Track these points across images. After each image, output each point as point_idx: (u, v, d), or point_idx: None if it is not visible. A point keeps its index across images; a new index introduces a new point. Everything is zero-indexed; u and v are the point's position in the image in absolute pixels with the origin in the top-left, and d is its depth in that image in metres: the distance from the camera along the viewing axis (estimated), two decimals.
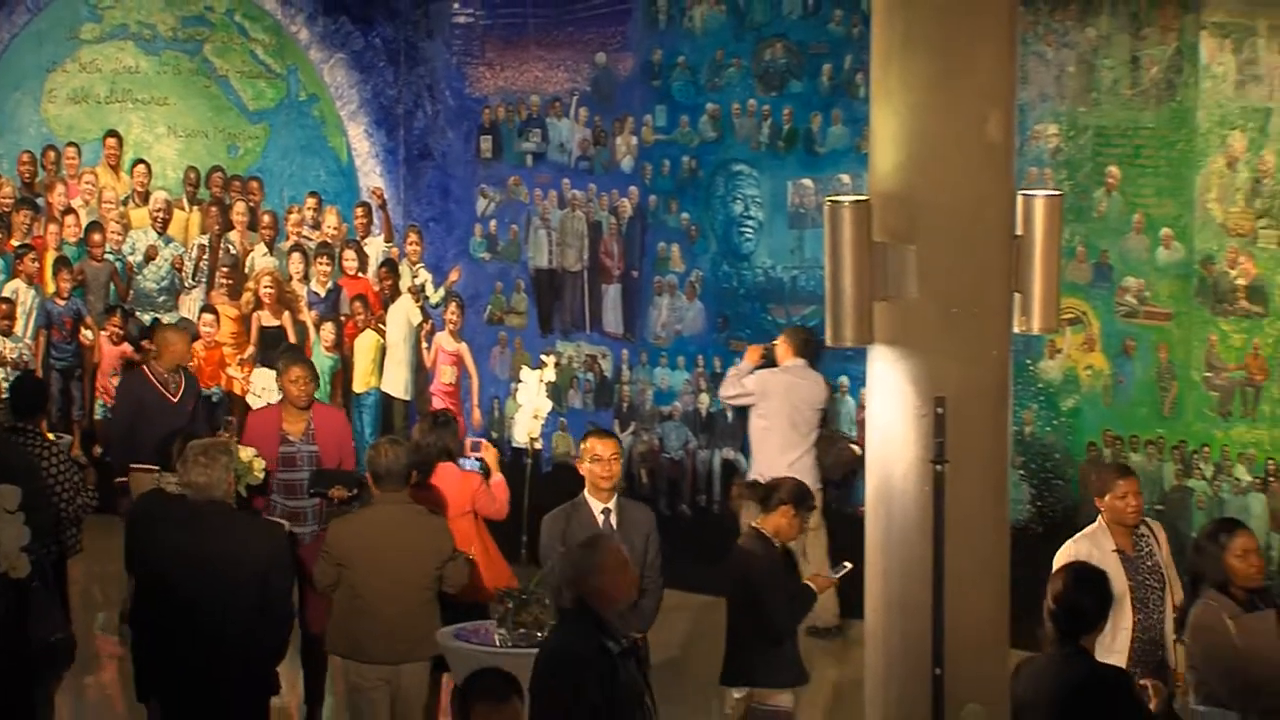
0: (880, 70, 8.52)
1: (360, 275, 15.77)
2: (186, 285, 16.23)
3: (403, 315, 15.52)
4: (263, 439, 11.03)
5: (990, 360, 8.48)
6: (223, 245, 16.20)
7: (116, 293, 16.17)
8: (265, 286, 15.61)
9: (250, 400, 15.23)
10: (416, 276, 15.66)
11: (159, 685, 9.15)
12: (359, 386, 15.49)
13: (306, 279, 15.79)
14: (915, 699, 8.16)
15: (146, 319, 16.07)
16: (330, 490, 10.71)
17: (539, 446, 10.92)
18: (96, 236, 16.14)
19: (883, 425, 8.55)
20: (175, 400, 12.33)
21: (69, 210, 16.33)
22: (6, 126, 16.75)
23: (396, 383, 15.50)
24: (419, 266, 15.70)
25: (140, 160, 16.50)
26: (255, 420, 11.63)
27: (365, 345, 15.53)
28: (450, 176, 15.85)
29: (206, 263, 16.15)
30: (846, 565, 9.31)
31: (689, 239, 14.64)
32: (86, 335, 15.88)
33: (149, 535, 9.47)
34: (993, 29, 8.46)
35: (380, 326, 15.55)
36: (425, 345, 15.55)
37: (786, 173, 14.13)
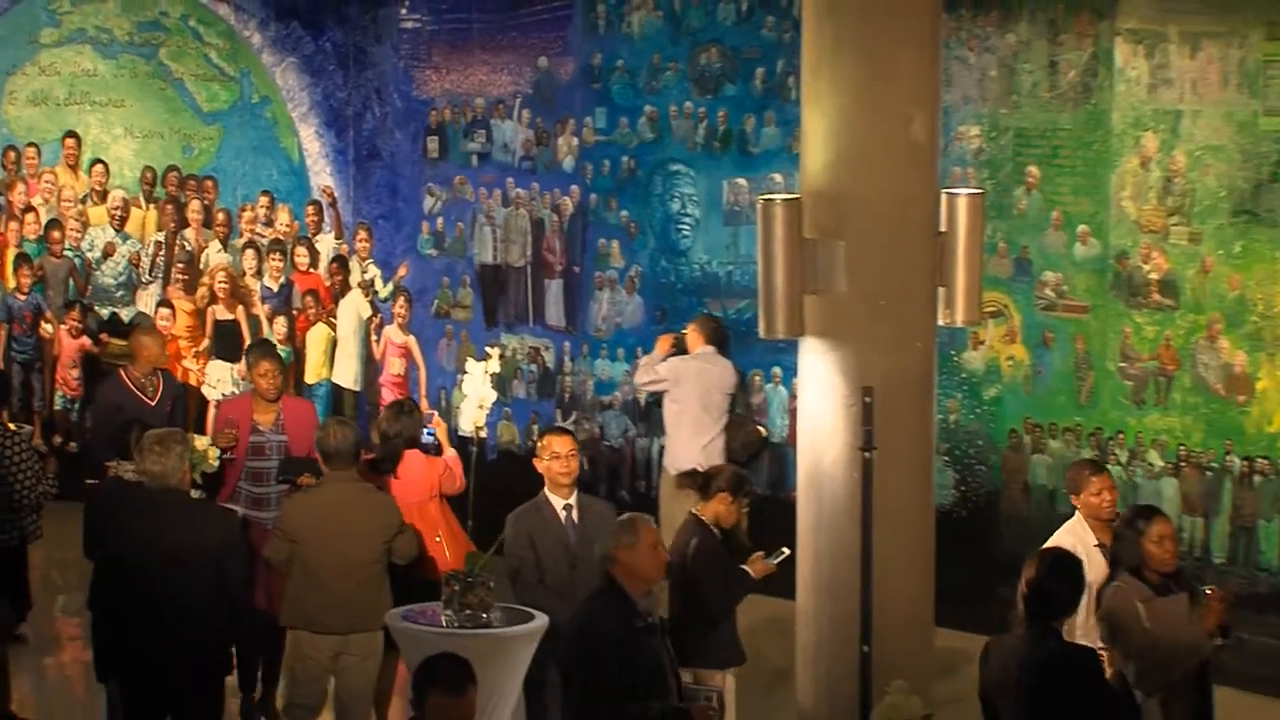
0: (810, 74, 8.54)
1: (312, 271, 15.72)
2: (143, 281, 16.14)
3: (353, 309, 15.47)
4: (230, 428, 11.00)
5: (916, 351, 8.53)
6: (178, 242, 16.12)
7: (75, 288, 16.07)
8: (220, 282, 15.54)
9: (206, 391, 15.18)
10: (366, 272, 15.62)
11: (117, 666, 9.10)
12: (310, 378, 15.44)
13: (260, 274, 15.72)
14: (844, 675, 8.19)
15: (105, 313, 16.03)
16: (298, 478, 10.64)
17: (484, 435, 10.90)
18: (56, 234, 16.04)
19: (813, 414, 8.58)
20: (153, 403, 12.15)
21: (29, 208, 16.22)
22: None
23: (347, 374, 15.46)
24: (368, 262, 15.66)
25: (98, 160, 16.40)
26: (226, 410, 11.57)
27: (316, 338, 15.48)
28: (398, 176, 15.81)
29: (163, 259, 16.07)
30: (785, 551, 9.30)
31: (628, 236, 14.63)
32: (46, 329, 15.78)
33: (107, 522, 9.41)
34: (917, 35, 8.50)
35: (331, 320, 15.51)
36: (375, 338, 15.51)
37: (721, 172, 14.13)
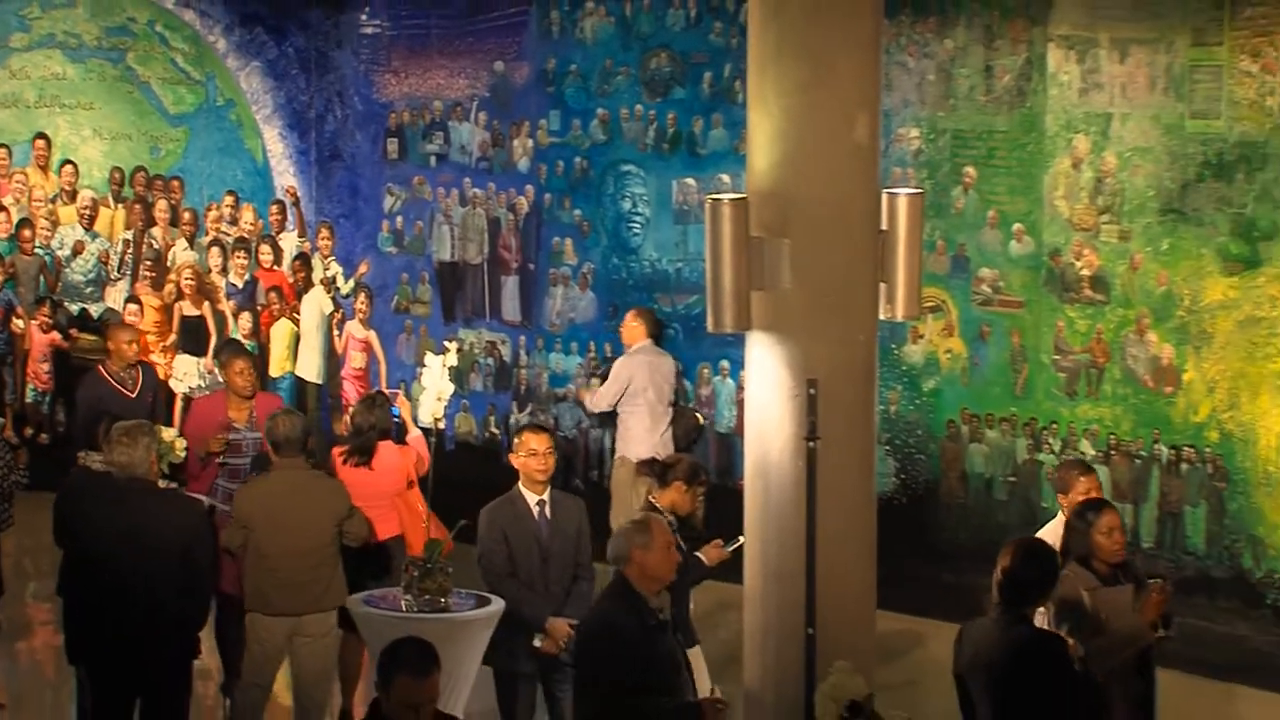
0: (756, 78, 8.53)
1: (275, 268, 15.68)
2: (112, 278, 16.08)
3: (315, 305, 15.43)
4: (208, 425, 10.91)
5: (858, 345, 8.52)
6: (146, 240, 16.05)
7: (46, 285, 16.00)
8: (186, 278, 15.50)
9: (173, 385, 15.12)
10: (328, 269, 15.57)
11: (87, 650, 9.05)
12: (274, 371, 15.38)
13: (225, 271, 15.68)
14: (790, 656, 8.19)
15: (74, 309, 15.96)
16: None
17: (442, 426, 10.87)
18: (27, 232, 15.97)
19: (760, 405, 8.57)
20: (133, 396, 12.04)
21: (0, 208, 16.13)
22: None
23: (309, 368, 15.41)
24: (330, 260, 15.62)
25: (68, 161, 16.32)
26: (201, 407, 11.50)
27: (280, 333, 15.43)
28: (359, 176, 15.77)
29: (131, 256, 16.01)
30: (740, 539, 9.28)
31: (581, 234, 14.61)
32: (17, 324, 15.71)
33: (76, 510, 9.35)
34: (858, 40, 8.49)
35: (294, 315, 15.46)
36: (336, 333, 15.47)
37: (671, 172, 14.13)
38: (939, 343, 12.96)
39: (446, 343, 11.67)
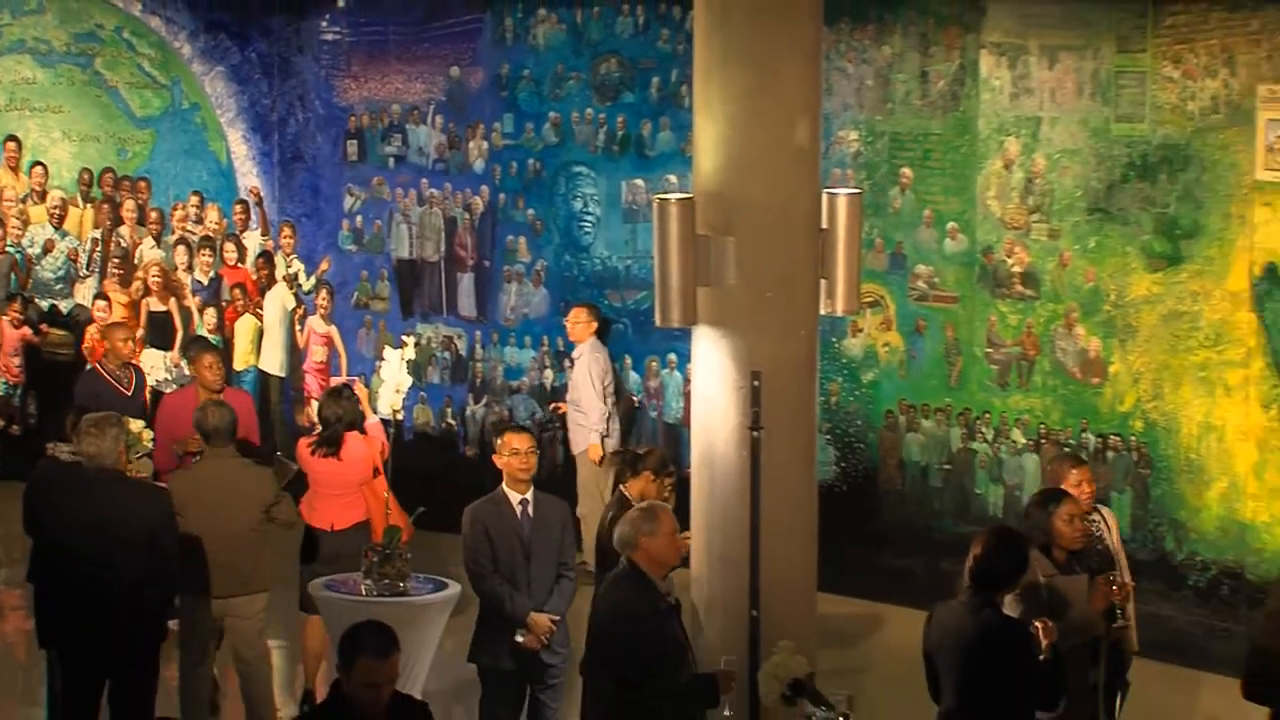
0: (702, 83, 8.53)
1: (239, 265, 15.62)
2: (81, 275, 15.98)
3: (278, 301, 15.37)
4: (179, 419, 10.83)
5: (800, 339, 8.53)
6: (114, 239, 15.96)
7: (17, 282, 15.89)
8: (153, 276, 15.42)
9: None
10: (290, 266, 15.51)
11: (57, 634, 8.99)
12: (239, 365, 15.30)
13: (190, 269, 15.61)
14: (735, 637, 8.19)
15: (45, 305, 15.86)
16: None
17: (400, 417, 10.85)
18: None
19: (706, 396, 8.57)
20: (129, 393, 11.93)
21: None
22: None
23: (273, 361, 15.34)
24: (292, 257, 15.57)
25: (38, 162, 16.20)
26: (170, 402, 11.39)
27: (244, 328, 15.37)
28: (320, 177, 15.71)
29: (99, 254, 15.91)
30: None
31: (534, 232, 14.59)
32: None
33: (46, 499, 9.28)
34: (800, 47, 8.50)
35: (258, 311, 15.40)
36: (298, 328, 15.41)
37: (620, 173, 14.12)
38: (877, 336, 12.98)
39: (404, 337, 11.64)
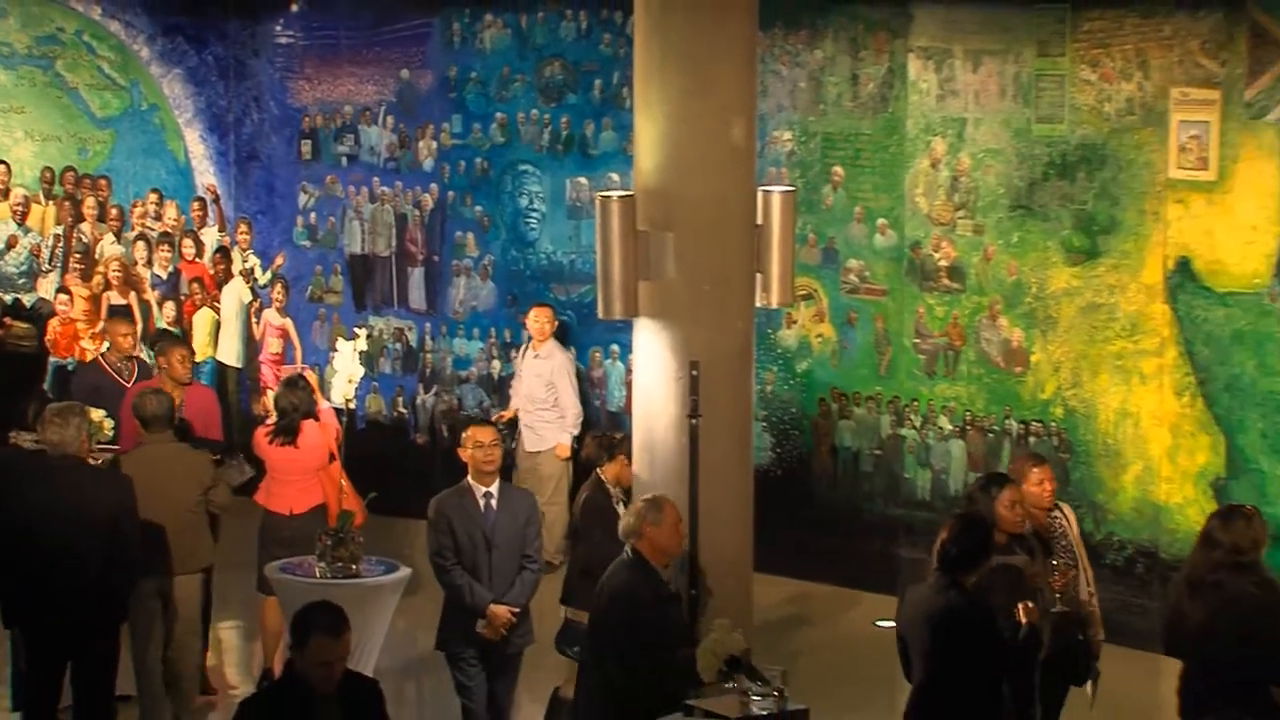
0: (642, 86, 8.55)
1: (197, 260, 15.53)
2: (44, 270, 15.85)
3: (235, 295, 15.30)
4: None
5: (736, 330, 8.56)
6: (75, 235, 15.84)
7: None
8: (113, 270, 15.31)
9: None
10: (246, 261, 15.44)
11: (21, 615, 8.95)
12: (197, 356, 15.19)
13: (150, 263, 15.51)
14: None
15: (8, 299, 15.73)
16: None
17: (353, 407, 10.83)
18: None
19: (647, 386, 8.59)
20: (129, 385, 11.79)
21: None
22: None
23: (230, 353, 15.28)
24: (248, 253, 15.49)
25: (1, 161, 16.07)
26: (137, 393, 11.29)
27: (202, 321, 15.29)
28: (275, 175, 15.64)
29: (61, 250, 15.78)
30: None
31: (482, 228, 14.57)
32: None
33: (9, 486, 9.22)
34: (735, 51, 8.52)
35: (215, 304, 15.32)
36: (255, 320, 15.34)
37: (565, 172, 14.12)
38: (811, 328, 13.02)
39: (357, 329, 11.61)
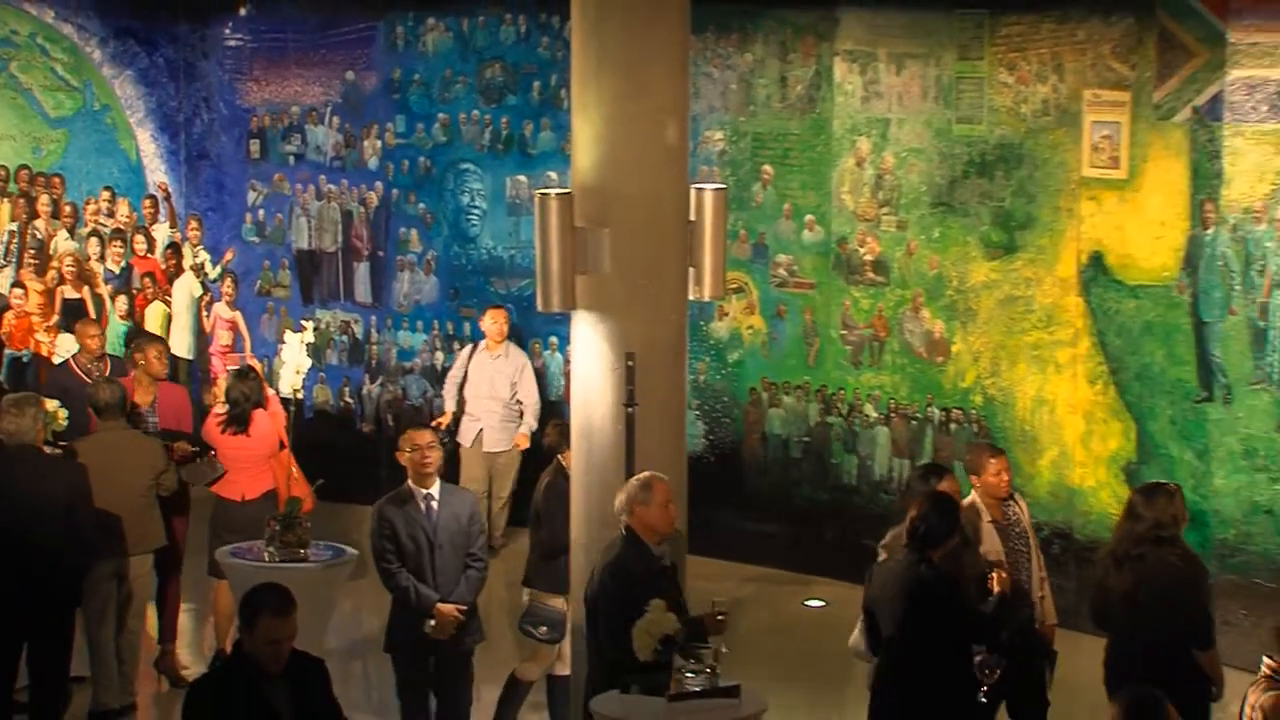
0: (579, 87, 8.54)
1: (149, 256, 15.44)
2: None
3: (186, 289, 15.22)
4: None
5: (670, 322, 8.57)
6: (30, 231, 15.70)
7: None
8: (67, 265, 15.20)
9: (55, 361, 14.81)
10: (197, 256, 15.36)
11: None
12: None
13: (103, 259, 15.41)
14: None
15: None
16: (175, 444, 10.33)
17: (301, 396, 10.79)
18: None
19: (584, 376, 8.59)
20: None
21: None
22: None
23: (181, 345, 15.18)
24: (199, 248, 15.41)
25: None
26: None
27: (154, 314, 15.20)
28: (224, 174, 15.55)
29: (16, 246, 15.66)
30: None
31: (425, 225, 14.53)
32: None
33: None
34: (669, 54, 8.53)
35: (166, 298, 15.24)
36: (205, 314, 15.27)
37: (505, 170, 14.09)
38: (742, 320, 13.05)
39: (304, 322, 11.60)
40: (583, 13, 8.46)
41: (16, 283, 15.34)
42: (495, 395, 13.06)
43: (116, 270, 15.36)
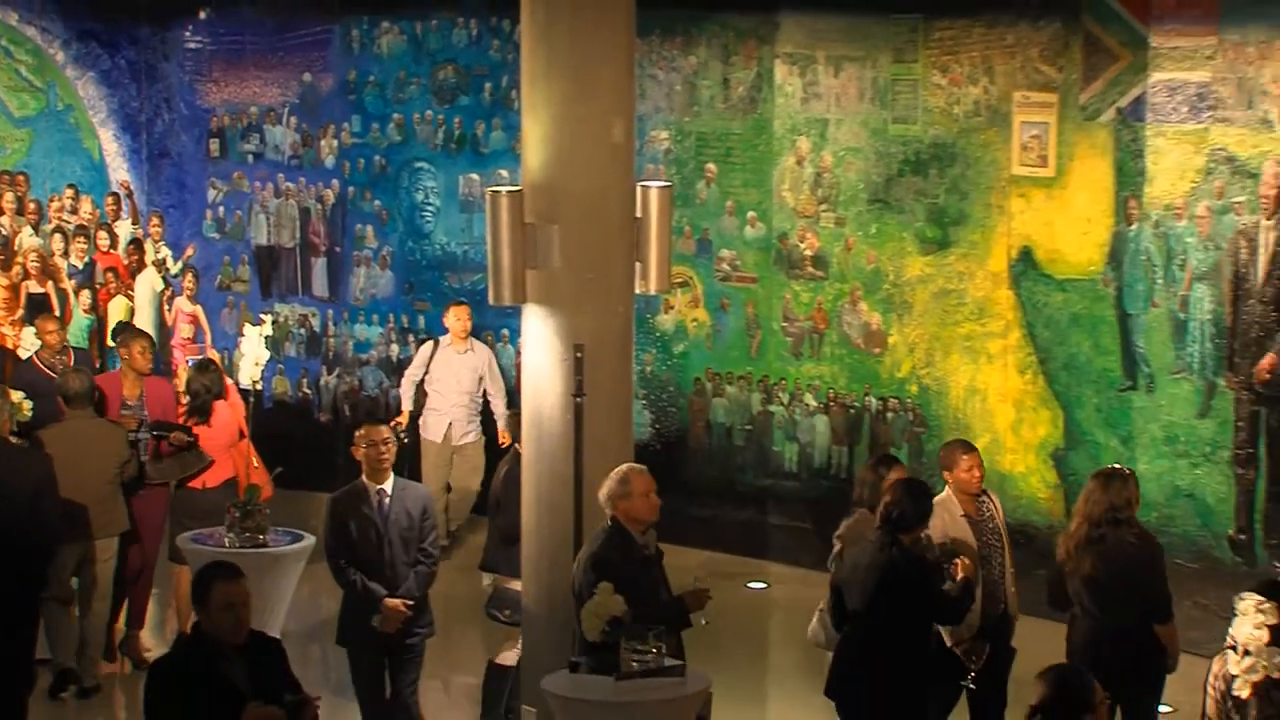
0: (529, 88, 8.54)
1: (112, 251, 15.33)
2: None
3: (148, 284, 15.13)
4: (108, 401, 10.56)
5: (617, 315, 8.58)
6: None
7: None
8: (32, 261, 15.08)
9: (20, 353, 14.68)
10: (159, 252, 15.27)
11: None
12: (112, 342, 15.03)
13: (66, 254, 15.28)
14: (561, 580, 8.24)
15: None
16: (170, 434, 10.24)
17: (260, 387, 10.76)
18: None
19: (535, 367, 8.60)
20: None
21: None
22: None
23: None
24: (160, 244, 15.32)
25: None
26: (100, 383, 11.06)
27: (117, 308, 15.09)
28: (185, 172, 15.48)
29: None
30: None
31: (381, 221, 14.50)
32: None
33: None
34: (615, 57, 8.54)
35: (129, 293, 15.13)
36: (167, 308, 15.18)
37: (458, 169, 14.08)
38: (687, 313, 13.07)
39: (263, 315, 11.55)
40: (532, 17, 8.47)
41: None
42: (463, 389, 12.79)
43: (80, 266, 15.26)
